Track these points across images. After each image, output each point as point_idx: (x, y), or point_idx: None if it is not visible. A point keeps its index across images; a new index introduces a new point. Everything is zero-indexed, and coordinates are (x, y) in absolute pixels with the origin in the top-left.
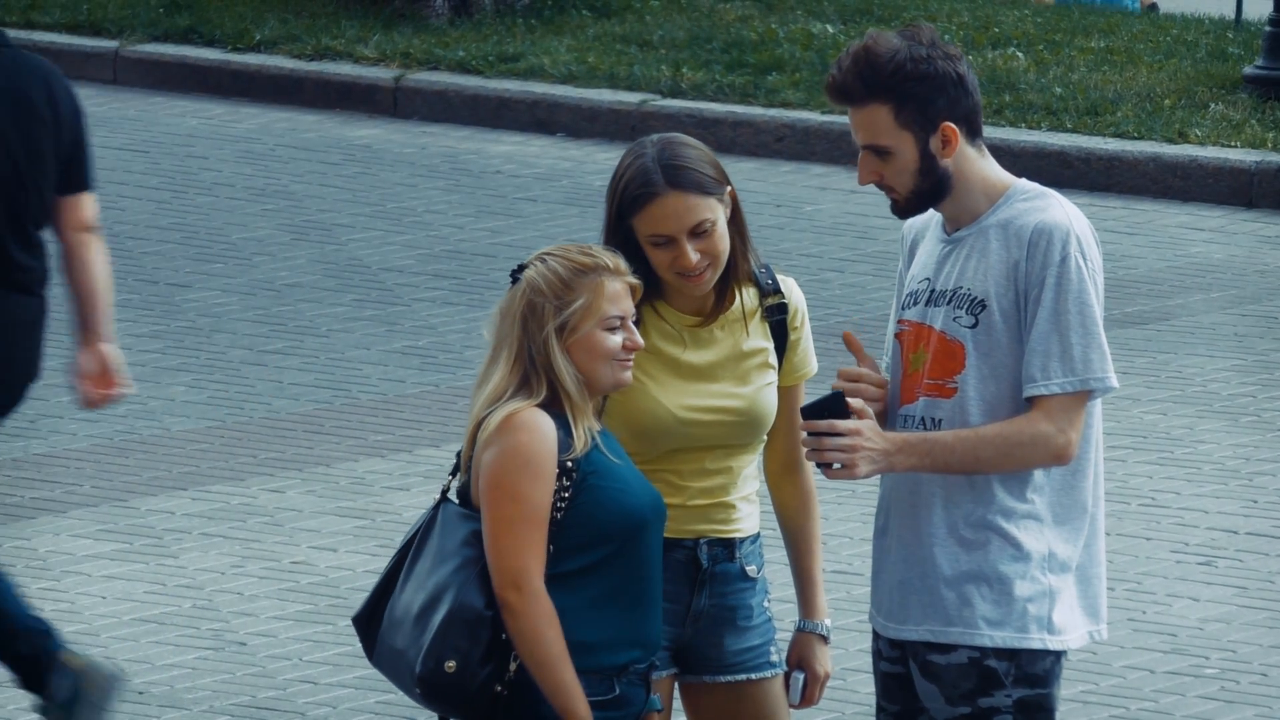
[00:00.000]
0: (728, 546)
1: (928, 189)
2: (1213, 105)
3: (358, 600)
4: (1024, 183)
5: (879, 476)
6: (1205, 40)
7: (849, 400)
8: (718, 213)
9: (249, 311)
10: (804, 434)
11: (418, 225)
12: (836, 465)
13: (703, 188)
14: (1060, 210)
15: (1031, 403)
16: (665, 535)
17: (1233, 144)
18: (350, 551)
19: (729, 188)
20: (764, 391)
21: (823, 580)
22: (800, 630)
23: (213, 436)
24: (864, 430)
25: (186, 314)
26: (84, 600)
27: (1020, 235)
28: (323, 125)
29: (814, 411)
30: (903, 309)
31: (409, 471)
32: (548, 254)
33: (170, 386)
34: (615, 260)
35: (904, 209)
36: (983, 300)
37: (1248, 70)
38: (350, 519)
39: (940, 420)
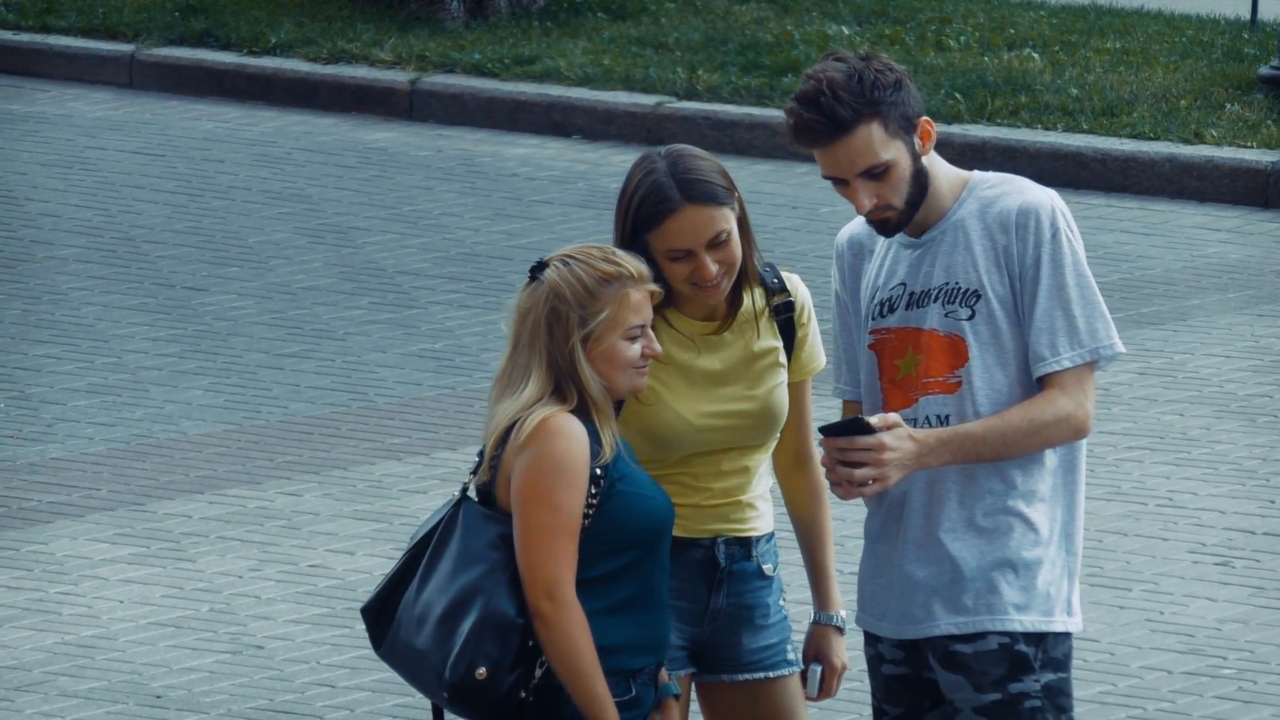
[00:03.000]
0: (744, 545)
1: (918, 193)
2: (1229, 106)
3: None
4: (981, 173)
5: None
6: (1221, 41)
7: (872, 420)
8: (731, 222)
9: (265, 315)
10: (823, 452)
11: (434, 228)
12: (870, 483)
13: (717, 199)
14: (1038, 190)
15: (1043, 382)
16: (682, 535)
17: (1249, 144)
18: (367, 555)
19: (736, 194)
20: (776, 391)
21: (835, 572)
22: (815, 623)
23: (229, 440)
24: (887, 442)
25: (203, 318)
26: (101, 604)
27: (1003, 220)
28: (339, 128)
29: (834, 431)
30: (874, 319)
31: (426, 474)
32: (570, 257)
33: (187, 390)
34: (638, 267)
35: (897, 224)
36: (976, 291)
37: (1263, 71)
38: (367, 522)
39: (947, 416)
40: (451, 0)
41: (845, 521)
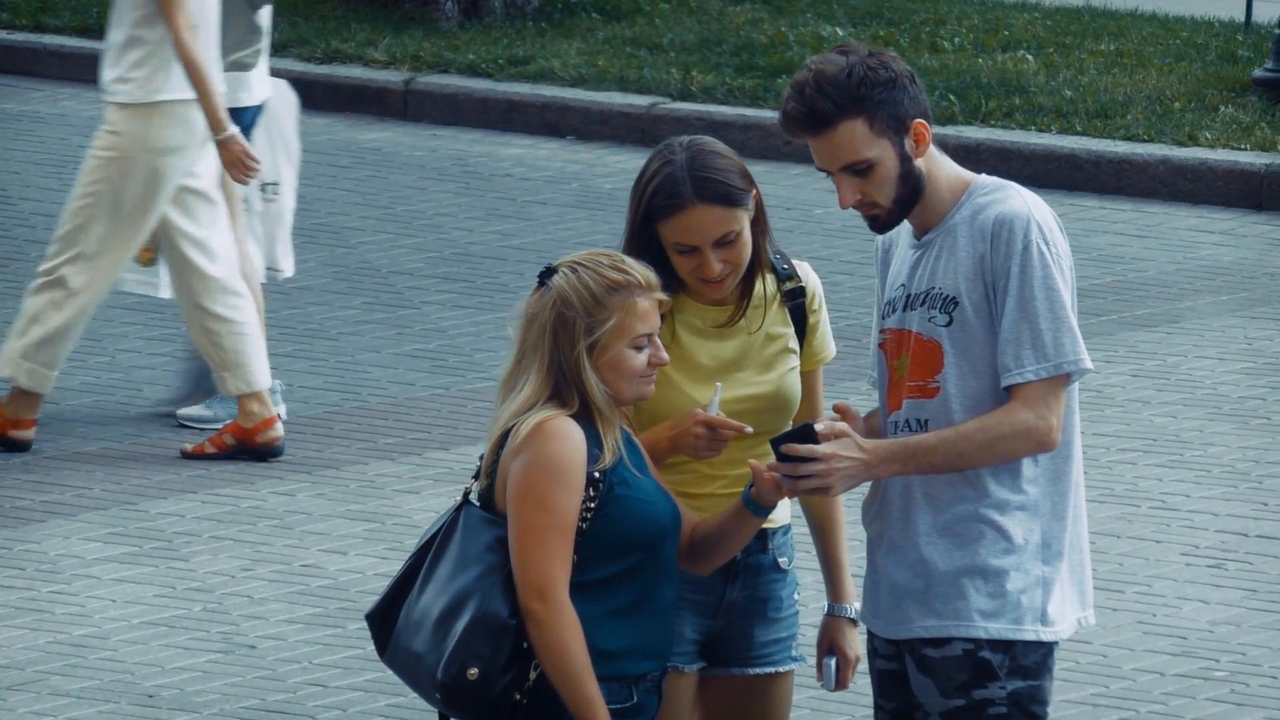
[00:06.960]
0: (760, 538)
1: (907, 194)
2: (1223, 108)
3: (368, 603)
4: (984, 178)
5: (866, 486)
6: (1215, 43)
7: (819, 427)
8: (743, 222)
9: None
10: (777, 461)
11: (428, 228)
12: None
13: (730, 200)
14: (1019, 199)
15: (1010, 393)
16: None
17: (1242, 147)
18: (360, 555)
19: (754, 190)
20: (788, 376)
21: (849, 564)
22: (829, 614)
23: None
24: (838, 453)
25: None
26: (94, 604)
27: (983, 229)
28: (333, 128)
29: (782, 439)
30: (883, 318)
31: (419, 475)
32: (578, 264)
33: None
34: (647, 275)
35: (886, 222)
36: (954, 298)
37: (1257, 73)
38: (360, 522)
39: (926, 421)
40: (446, 1)
41: (852, 525)
